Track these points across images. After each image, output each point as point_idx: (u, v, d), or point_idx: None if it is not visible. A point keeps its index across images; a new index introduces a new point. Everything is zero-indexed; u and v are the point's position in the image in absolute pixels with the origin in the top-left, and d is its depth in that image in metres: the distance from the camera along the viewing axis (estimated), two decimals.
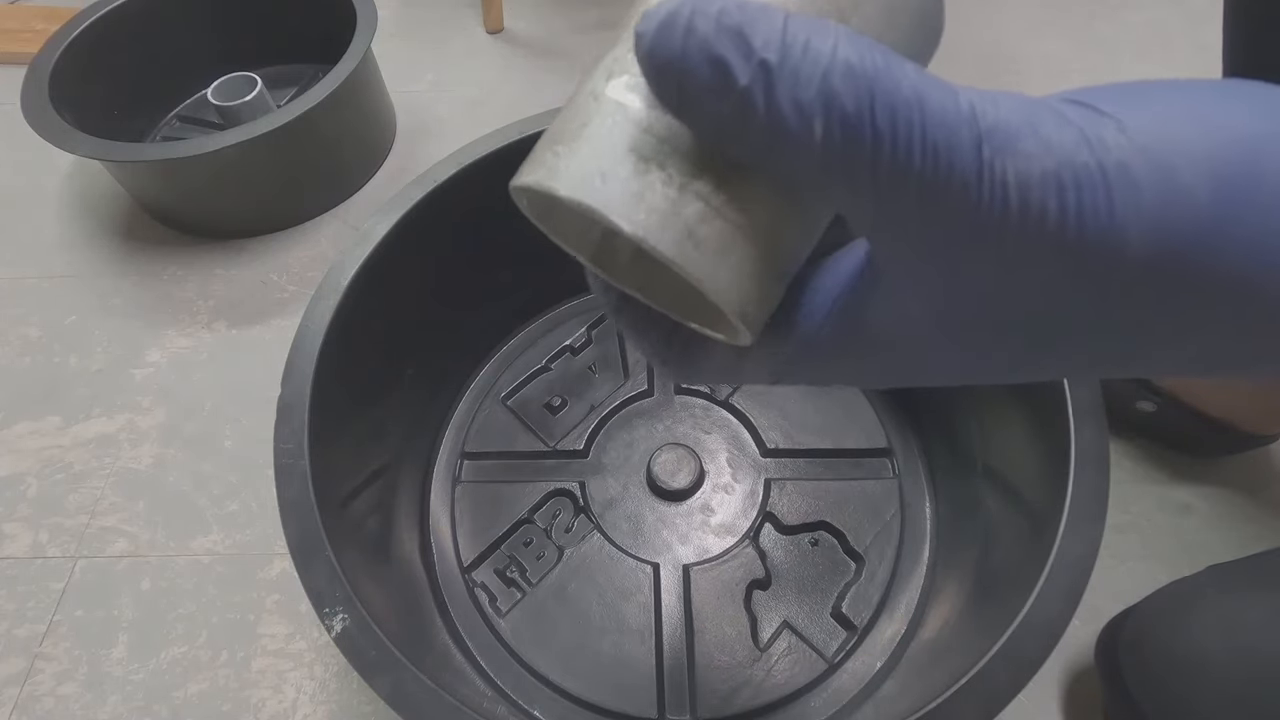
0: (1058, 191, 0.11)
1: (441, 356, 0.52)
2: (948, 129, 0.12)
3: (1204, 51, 0.82)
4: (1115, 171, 0.11)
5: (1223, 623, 0.36)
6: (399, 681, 0.30)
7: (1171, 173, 0.11)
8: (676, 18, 0.12)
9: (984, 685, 0.29)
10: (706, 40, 0.12)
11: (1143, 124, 0.12)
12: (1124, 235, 0.11)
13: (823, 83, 0.11)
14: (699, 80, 0.12)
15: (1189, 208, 0.11)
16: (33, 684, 0.47)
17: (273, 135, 0.60)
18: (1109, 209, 0.11)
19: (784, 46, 0.12)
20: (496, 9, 0.88)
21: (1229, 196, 0.11)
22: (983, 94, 0.12)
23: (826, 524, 0.47)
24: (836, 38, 0.12)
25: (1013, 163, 0.12)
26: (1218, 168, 0.11)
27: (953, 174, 0.12)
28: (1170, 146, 0.11)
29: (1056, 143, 0.12)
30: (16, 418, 0.59)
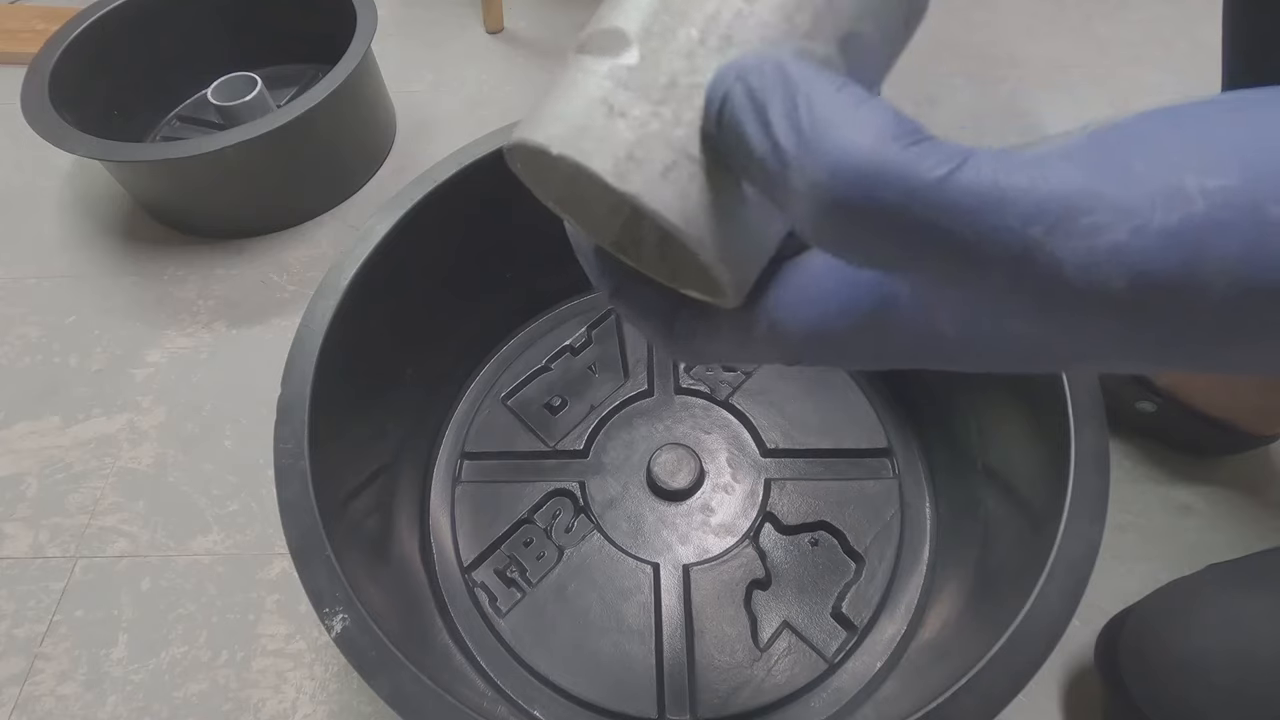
0: (1130, 264, 0.10)
1: (441, 356, 0.52)
2: (973, 213, 0.11)
3: (1203, 51, 0.82)
4: (1200, 225, 0.10)
5: (1222, 622, 0.36)
6: (399, 681, 0.30)
7: (1260, 216, 0.10)
8: (722, 81, 0.14)
9: (984, 685, 0.29)
10: (735, 111, 0.14)
11: (1225, 157, 0.10)
12: (1205, 293, 0.10)
13: (814, 174, 0.12)
14: (728, 140, 0.14)
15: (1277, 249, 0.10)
16: (33, 684, 0.47)
17: (273, 135, 0.60)
18: (1191, 270, 0.10)
19: (795, 127, 0.12)
20: (496, 9, 0.88)
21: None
22: (1025, 162, 0.11)
23: (826, 524, 0.47)
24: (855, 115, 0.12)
25: (1070, 242, 0.10)
26: None
27: (987, 258, 0.11)
28: (1255, 183, 0.10)
29: (1126, 208, 0.10)
30: (16, 418, 0.59)
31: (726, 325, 0.17)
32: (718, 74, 0.14)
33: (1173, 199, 0.10)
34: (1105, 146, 0.11)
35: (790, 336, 0.16)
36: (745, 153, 0.13)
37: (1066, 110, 0.77)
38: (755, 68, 0.13)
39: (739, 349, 0.18)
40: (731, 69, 0.14)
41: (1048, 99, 0.79)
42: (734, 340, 0.18)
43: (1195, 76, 0.79)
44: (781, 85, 0.13)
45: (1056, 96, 0.79)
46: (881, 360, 0.16)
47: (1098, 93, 0.79)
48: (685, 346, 0.18)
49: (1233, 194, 0.10)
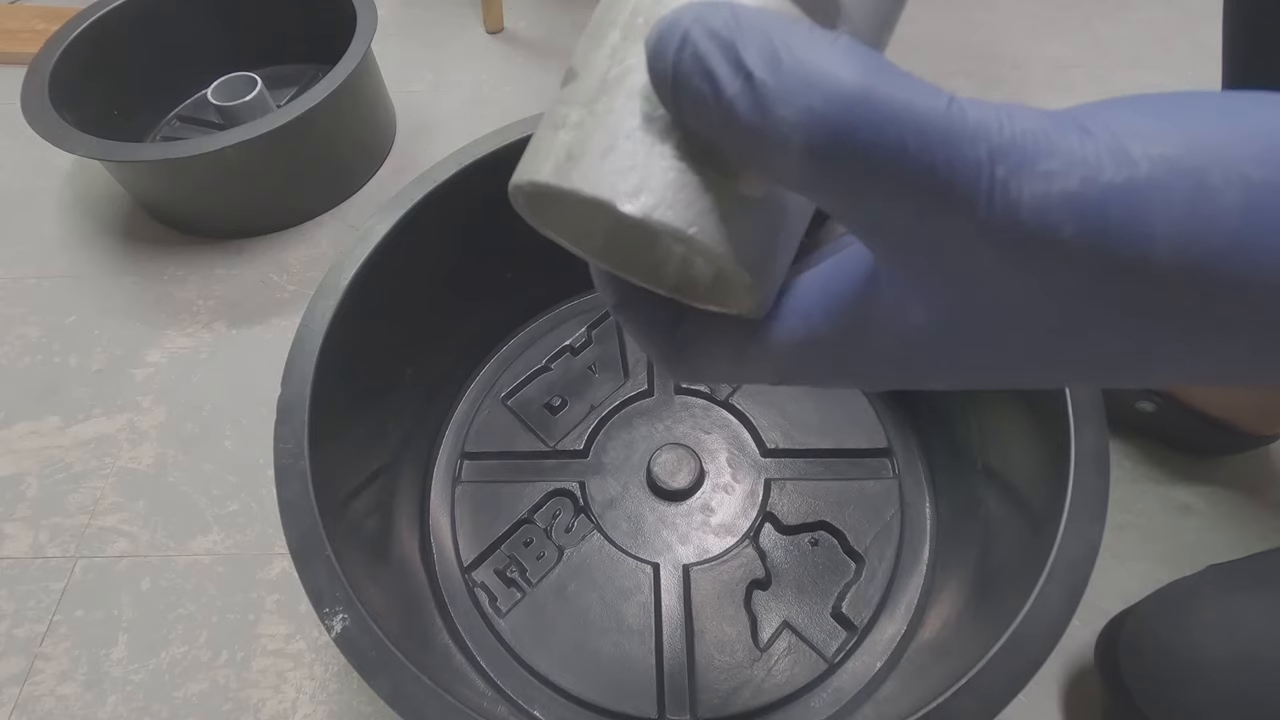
0: (1079, 211, 0.11)
1: (441, 356, 0.52)
2: (949, 146, 0.11)
3: (1204, 51, 0.82)
4: (1144, 186, 0.11)
5: (1223, 623, 0.36)
6: (399, 681, 0.30)
7: (1202, 182, 0.11)
8: (675, 26, 0.13)
9: (984, 685, 0.29)
10: (698, 52, 0.12)
11: (1170, 132, 0.11)
12: (1150, 250, 0.11)
13: (804, 99, 0.12)
14: (691, 88, 0.13)
15: (1220, 217, 0.11)
16: (33, 684, 0.47)
17: (273, 135, 0.60)
18: (1136, 225, 0.11)
19: (773, 62, 0.12)
20: (496, 9, 0.88)
21: (1263, 203, 0.11)
22: (998, 108, 0.12)
23: (826, 524, 0.47)
24: (832, 51, 0.12)
25: (1029, 183, 0.11)
26: (1249, 173, 0.11)
27: (954, 193, 0.11)
28: (1199, 154, 0.11)
29: (1079, 159, 0.11)
30: (16, 418, 0.59)
31: (723, 348, 0.17)
32: (669, 20, 0.13)
33: (1119, 159, 0.11)
34: (1070, 113, 0.12)
35: (779, 347, 0.17)
36: (712, 99, 0.12)
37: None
38: (712, 11, 0.12)
39: (732, 366, 0.18)
40: (686, 13, 0.13)
41: (1048, 99, 0.79)
42: (727, 356, 0.18)
43: (1195, 76, 0.79)
44: (749, 23, 0.12)
45: (1056, 96, 0.79)
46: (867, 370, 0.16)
47: (1098, 93, 0.79)
48: (679, 367, 0.18)
49: (1175, 161, 0.11)
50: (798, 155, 0.12)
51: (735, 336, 0.17)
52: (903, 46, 0.85)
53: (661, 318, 0.19)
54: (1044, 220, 0.11)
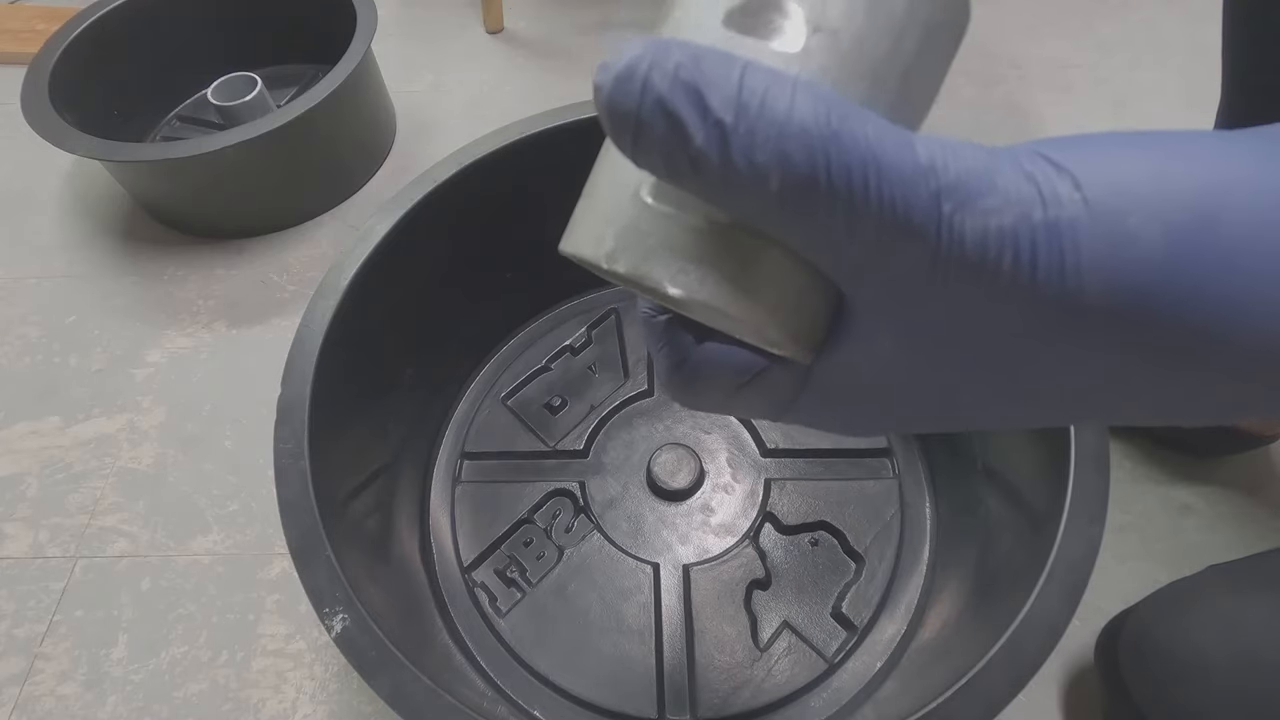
0: (1013, 248, 0.12)
1: (441, 356, 0.52)
2: (905, 185, 0.12)
3: (1204, 51, 0.82)
4: (1067, 227, 0.12)
5: (1222, 623, 0.36)
6: (399, 681, 0.30)
7: (1121, 224, 0.11)
8: (634, 71, 0.12)
9: (984, 685, 0.29)
10: (661, 98, 0.12)
11: (1098, 176, 0.12)
12: (1079, 287, 0.12)
13: (777, 143, 0.12)
14: (654, 135, 0.12)
15: (1141, 259, 0.11)
16: (33, 684, 0.47)
17: (273, 135, 0.60)
18: (1061, 264, 0.12)
19: (740, 105, 0.12)
20: (496, 9, 0.88)
21: (1183, 245, 0.11)
22: (944, 145, 0.12)
23: (826, 524, 0.47)
24: (794, 93, 0.12)
25: (971, 218, 0.12)
26: (1170, 216, 0.11)
27: (910, 225, 0.12)
28: (1122, 198, 0.12)
29: (1015, 198, 0.12)
30: (16, 418, 0.59)
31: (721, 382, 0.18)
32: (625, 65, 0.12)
33: (1050, 199, 0.12)
34: (1014, 151, 0.12)
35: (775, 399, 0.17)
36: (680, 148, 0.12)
37: (1066, 110, 0.77)
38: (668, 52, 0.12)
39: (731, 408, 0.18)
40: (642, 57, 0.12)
41: (1048, 99, 0.79)
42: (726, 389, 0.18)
43: (1195, 76, 0.79)
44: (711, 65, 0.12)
45: (1056, 96, 0.79)
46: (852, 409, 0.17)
47: (1098, 93, 0.79)
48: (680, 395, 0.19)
49: (1098, 204, 0.12)
50: (772, 199, 0.12)
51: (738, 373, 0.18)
52: None
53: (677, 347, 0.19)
54: (984, 254, 0.12)
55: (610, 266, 0.15)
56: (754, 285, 0.15)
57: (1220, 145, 0.12)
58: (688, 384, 0.18)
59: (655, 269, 0.15)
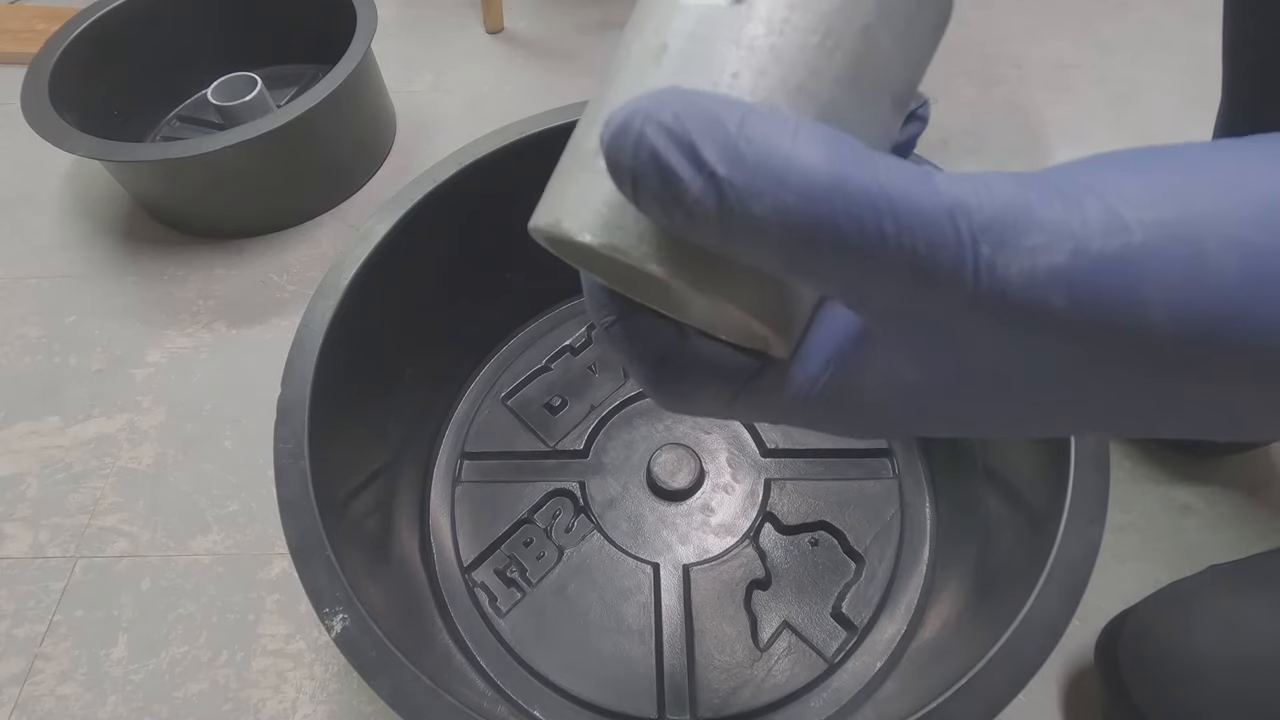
0: (1069, 283, 0.11)
1: (441, 356, 0.52)
2: (929, 229, 0.11)
3: (1204, 51, 0.82)
4: (1138, 254, 0.11)
5: (1222, 624, 0.36)
6: (399, 681, 0.30)
7: (1198, 247, 0.10)
8: (629, 125, 0.12)
9: (984, 685, 0.29)
10: (656, 153, 0.11)
11: (1165, 195, 0.11)
12: (1145, 317, 0.11)
13: (775, 196, 0.11)
14: (653, 191, 0.12)
15: (1217, 286, 0.11)
16: (33, 684, 0.47)
17: (273, 135, 0.60)
18: (1130, 295, 0.11)
19: (735, 156, 0.11)
20: (496, 9, 0.88)
21: (1259, 267, 0.10)
22: (975, 181, 0.11)
23: (826, 524, 0.47)
24: (795, 139, 0.11)
25: (1016, 260, 0.11)
26: (1247, 236, 0.10)
27: (938, 272, 0.11)
28: (1196, 218, 0.11)
29: (1066, 231, 0.11)
30: (16, 418, 0.59)
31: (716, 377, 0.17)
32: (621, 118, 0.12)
33: (1111, 228, 0.11)
34: (1049, 178, 0.11)
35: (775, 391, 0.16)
36: (676, 202, 0.12)
37: (1066, 110, 0.77)
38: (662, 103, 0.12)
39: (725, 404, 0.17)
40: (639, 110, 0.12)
41: (1048, 99, 0.79)
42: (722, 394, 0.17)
43: (1195, 76, 0.79)
44: (701, 114, 0.11)
45: (1056, 96, 0.79)
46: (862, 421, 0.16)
47: (1098, 93, 0.79)
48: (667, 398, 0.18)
49: (1169, 226, 0.11)
50: (774, 249, 0.12)
51: (732, 375, 0.17)
52: None
53: (655, 345, 0.18)
54: (1032, 294, 0.11)
55: (585, 240, 0.15)
56: (734, 280, 0.14)
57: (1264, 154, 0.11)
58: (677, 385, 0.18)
59: (630, 245, 0.14)
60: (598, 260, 0.18)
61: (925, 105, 0.17)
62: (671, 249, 0.14)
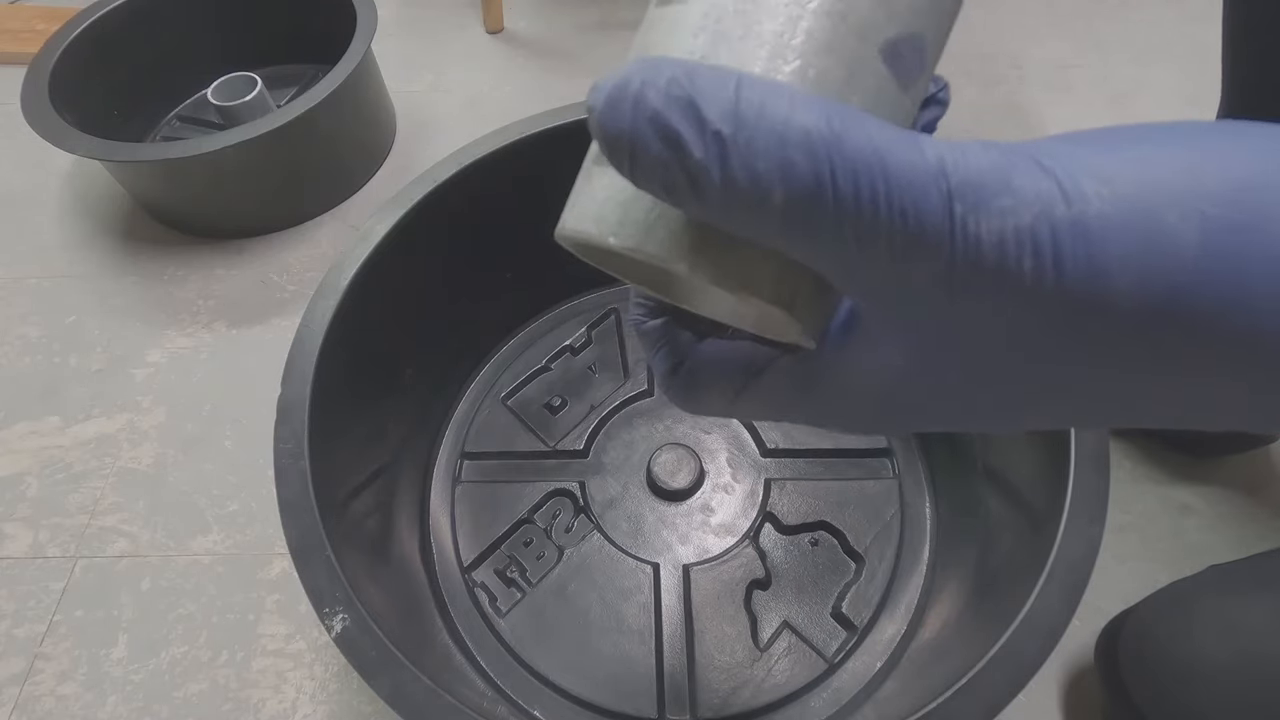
0: (1034, 248, 0.11)
1: (441, 356, 0.52)
2: (915, 189, 0.11)
3: (1204, 51, 0.82)
4: (1096, 223, 0.11)
5: (1223, 624, 0.36)
6: (399, 681, 0.30)
7: (1156, 220, 0.11)
8: (625, 89, 0.12)
9: (984, 685, 0.29)
10: (657, 113, 0.11)
11: (1126, 169, 0.11)
12: (1109, 286, 0.11)
13: (779, 152, 0.11)
14: (651, 153, 0.12)
15: (1176, 255, 0.11)
16: (33, 684, 0.47)
17: (273, 135, 0.60)
18: (1090, 262, 0.11)
19: (738, 116, 0.11)
20: (496, 9, 0.88)
21: (1223, 241, 0.11)
22: (953, 146, 0.12)
23: (826, 524, 0.47)
24: (791, 101, 0.11)
25: (986, 220, 0.11)
26: (1208, 210, 0.11)
27: (923, 233, 0.11)
28: (1154, 192, 0.11)
29: (1032, 196, 0.11)
30: (16, 418, 0.59)
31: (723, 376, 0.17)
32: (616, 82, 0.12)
33: (1072, 195, 0.11)
34: (1028, 148, 0.12)
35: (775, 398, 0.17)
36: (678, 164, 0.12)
37: (1066, 110, 0.77)
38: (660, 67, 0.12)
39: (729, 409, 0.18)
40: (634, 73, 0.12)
41: (1048, 99, 0.79)
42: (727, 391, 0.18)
43: (1195, 76, 0.79)
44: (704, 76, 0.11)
45: (1056, 96, 0.79)
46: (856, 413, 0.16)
47: (1098, 93, 0.79)
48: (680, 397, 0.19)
49: (1128, 198, 0.11)
50: (777, 211, 0.12)
51: (735, 375, 0.17)
52: None
53: (671, 350, 0.19)
54: (1003, 255, 0.11)
55: (610, 243, 0.15)
56: (754, 270, 0.14)
57: (1249, 136, 0.12)
58: (688, 386, 0.18)
59: (654, 245, 0.14)
60: (623, 262, 0.18)
61: (945, 89, 0.17)
62: (690, 245, 0.14)
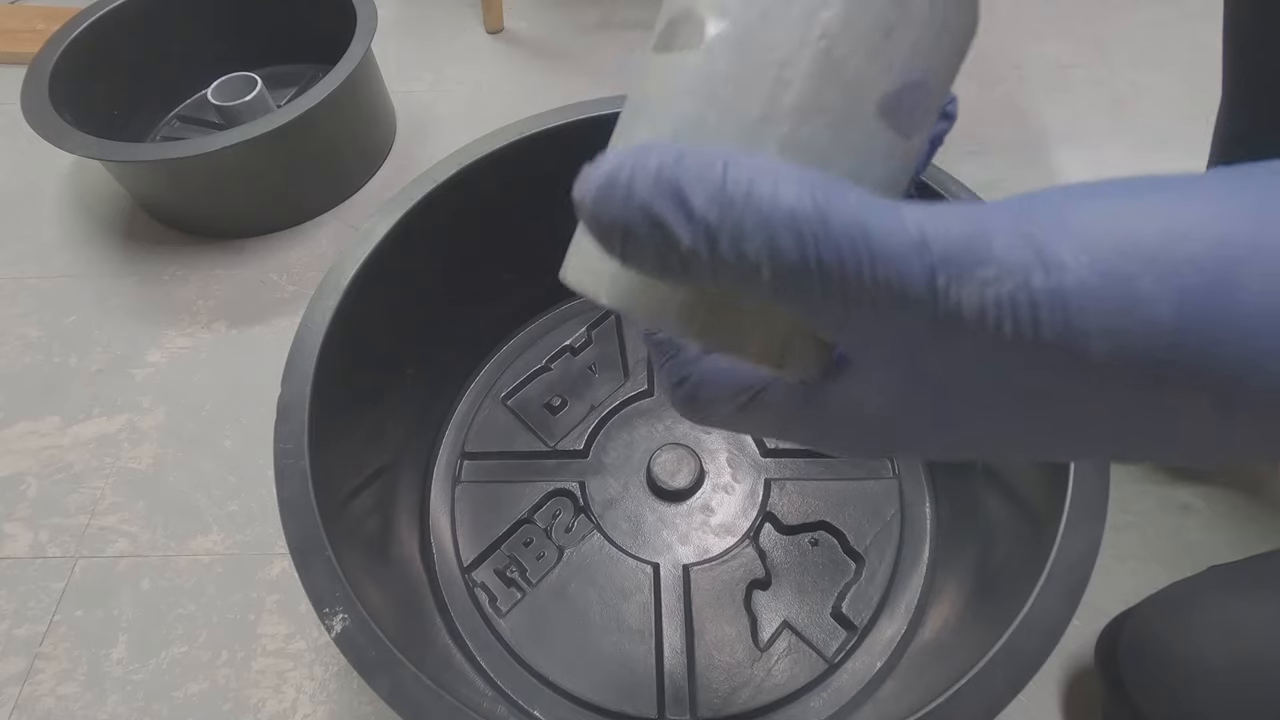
0: (1013, 315, 0.12)
1: (441, 356, 0.52)
2: (898, 261, 0.12)
3: (1203, 51, 0.82)
4: (1074, 292, 0.11)
5: (1223, 625, 0.36)
6: (399, 681, 0.30)
7: (1133, 288, 0.11)
8: (616, 178, 0.12)
9: (984, 685, 0.29)
10: (646, 203, 0.12)
11: (1102, 234, 0.11)
12: (1086, 348, 0.11)
13: (765, 233, 0.12)
14: (642, 240, 0.12)
15: (1153, 324, 0.11)
16: (33, 684, 0.47)
17: (273, 135, 0.60)
18: (1068, 328, 0.11)
19: (724, 200, 0.11)
20: (496, 9, 0.88)
21: (1198, 309, 0.11)
22: (935, 214, 0.12)
23: (826, 524, 0.47)
24: (776, 180, 0.12)
25: (967, 289, 0.12)
26: (1184, 279, 0.11)
27: (906, 299, 0.12)
28: (1133, 259, 0.11)
29: (1013, 265, 0.11)
30: (16, 418, 0.59)
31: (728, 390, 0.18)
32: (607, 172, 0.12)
33: (1050, 265, 0.11)
34: (1009, 211, 0.12)
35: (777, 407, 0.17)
36: (669, 251, 0.12)
37: (1066, 110, 0.77)
38: (648, 154, 0.12)
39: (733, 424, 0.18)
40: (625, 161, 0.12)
41: (1048, 99, 0.79)
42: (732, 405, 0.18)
43: (1195, 76, 0.79)
44: (689, 160, 0.12)
45: (1056, 96, 0.79)
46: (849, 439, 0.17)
47: (1098, 93, 0.79)
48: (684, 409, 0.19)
49: (1104, 267, 0.11)
50: (766, 285, 0.12)
51: (736, 394, 0.18)
52: None
53: (677, 364, 0.19)
54: (983, 318, 0.12)
55: (603, 301, 0.15)
56: (751, 322, 0.15)
57: (1227, 192, 0.12)
58: (690, 400, 0.19)
59: (644, 310, 0.15)
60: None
61: (953, 102, 0.17)
62: (680, 307, 0.14)
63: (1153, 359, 0.11)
